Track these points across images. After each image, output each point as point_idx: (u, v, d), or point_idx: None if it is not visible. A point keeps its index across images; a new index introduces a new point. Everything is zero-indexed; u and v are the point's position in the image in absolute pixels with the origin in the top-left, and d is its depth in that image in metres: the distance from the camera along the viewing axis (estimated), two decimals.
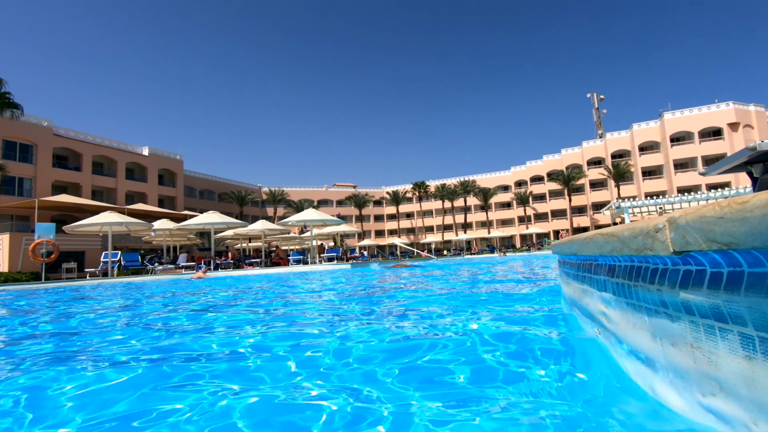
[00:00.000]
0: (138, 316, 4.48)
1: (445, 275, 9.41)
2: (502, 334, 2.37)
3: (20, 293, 10.47)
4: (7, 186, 29.42)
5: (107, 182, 37.34)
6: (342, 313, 3.87)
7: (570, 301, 2.29)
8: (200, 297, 6.68)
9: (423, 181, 60.55)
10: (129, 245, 29.81)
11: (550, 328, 2.57)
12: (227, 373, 1.90)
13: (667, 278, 0.91)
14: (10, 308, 6.37)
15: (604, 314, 1.47)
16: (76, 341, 3.08)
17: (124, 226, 20.26)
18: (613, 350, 1.43)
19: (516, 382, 1.53)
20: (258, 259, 22.87)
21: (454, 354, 1.90)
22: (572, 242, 1.78)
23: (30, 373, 2.05)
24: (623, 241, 1.08)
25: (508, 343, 2.05)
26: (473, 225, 62.50)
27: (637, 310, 1.12)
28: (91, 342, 3.01)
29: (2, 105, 21.36)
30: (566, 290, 2.36)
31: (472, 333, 2.43)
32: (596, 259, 1.52)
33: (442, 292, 5.23)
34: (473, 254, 43.26)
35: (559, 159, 56.79)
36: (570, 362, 1.70)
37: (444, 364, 1.77)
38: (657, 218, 0.89)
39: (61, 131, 34.36)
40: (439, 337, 2.28)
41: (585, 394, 1.40)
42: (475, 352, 1.96)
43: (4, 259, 22.88)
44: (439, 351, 1.97)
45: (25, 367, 2.19)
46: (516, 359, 1.80)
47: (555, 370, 1.67)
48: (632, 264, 1.12)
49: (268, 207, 58.49)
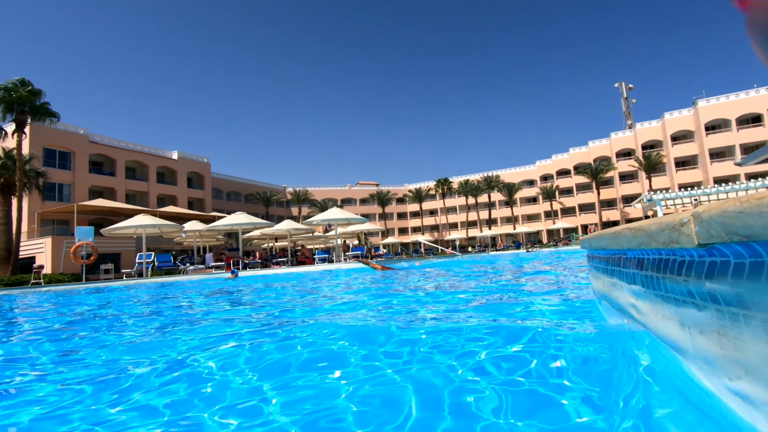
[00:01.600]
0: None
1: (464, 275, 9.36)
2: (522, 329, 2.41)
3: (94, 292, 11.05)
4: (48, 192, 31.00)
5: (140, 186, 38.81)
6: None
7: (599, 294, 2.31)
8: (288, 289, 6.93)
9: (446, 178, 60.21)
10: (161, 246, 30.94)
11: (578, 320, 2.60)
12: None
13: (693, 269, 0.96)
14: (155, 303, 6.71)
15: (634, 306, 1.50)
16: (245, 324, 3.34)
17: (156, 228, 21.08)
18: (642, 340, 1.47)
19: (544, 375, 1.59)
20: (284, 259, 23.33)
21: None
22: (601, 237, 1.81)
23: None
24: (650, 235, 1.13)
25: (532, 342, 2.09)
26: (498, 221, 61.72)
27: (666, 301, 1.16)
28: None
29: (42, 114, 22.52)
30: (595, 284, 2.38)
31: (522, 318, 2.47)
32: (625, 253, 1.55)
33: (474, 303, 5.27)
34: (498, 250, 42.76)
35: (586, 152, 55.37)
36: (601, 352, 1.74)
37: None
38: (682, 213, 0.94)
39: (96, 138, 35.92)
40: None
41: (622, 382, 1.44)
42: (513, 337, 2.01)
43: (48, 261, 24.19)
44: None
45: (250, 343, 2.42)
46: (545, 358, 1.85)
47: (585, 362, 1.71)
48: (660, 257, 1.16)
49: (293, 207, 59.43)
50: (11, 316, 6.12)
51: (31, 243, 25.67)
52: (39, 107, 22.23)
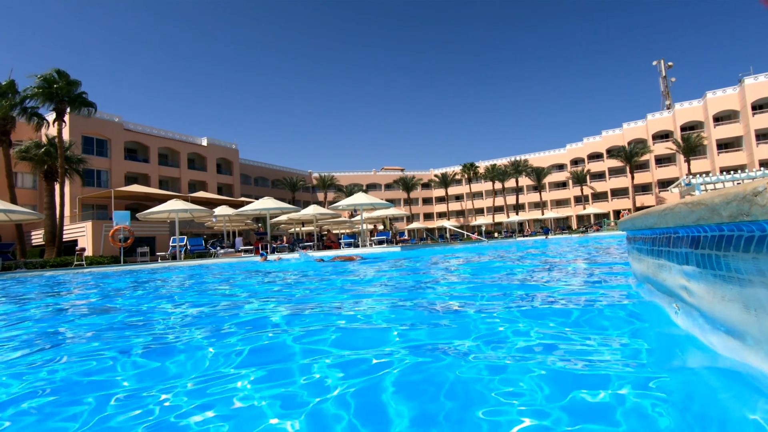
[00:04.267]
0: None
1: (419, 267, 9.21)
2: (563, 311, 2.33)
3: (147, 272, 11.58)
4: (88, 178, 32.38)
5: (172, 172, 39.99)
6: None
7: (642, 277, 2.19)
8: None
9: (472, 163, 59.17)
10: (193, 231, 31.91)
11: (619, 305, 2.49)
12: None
13: (765, 245, 0.87)
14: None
15: (685, 288, 1.40)
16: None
17: (188, 212, 21.71)
18: (694, 324, 1.37)
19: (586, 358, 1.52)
20: (311, 243, 23.64)
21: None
22: (647, 215, 1.70)
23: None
24: (713, 208, 1.03)
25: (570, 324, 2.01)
26: (526, 206, 60.44)
27: (727, 282, 1.06)
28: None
29: (79, 104, 23.35)
30: (637, 267, 2.25)
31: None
32: (676, 231, 1.44)
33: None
34: (526, 236, 41.97)
35: (620, 134, 53.15)
36: (647, 338, 1.65)
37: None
38: (754, 182, 0.85)
39: (130, 126, 37.10)
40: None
41: (672, 368, 1.36)
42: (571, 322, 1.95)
43: (89, 243, 25.39)
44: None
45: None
46: (586, 338, 1.77)
47: (632, 348, 1.63)
48: (721, 233, 1.07)
49: (319, 192, 59.97)
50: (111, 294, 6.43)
51: (74, 227, 26.96)
52: (76, 97, 23.04)
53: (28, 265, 16.40)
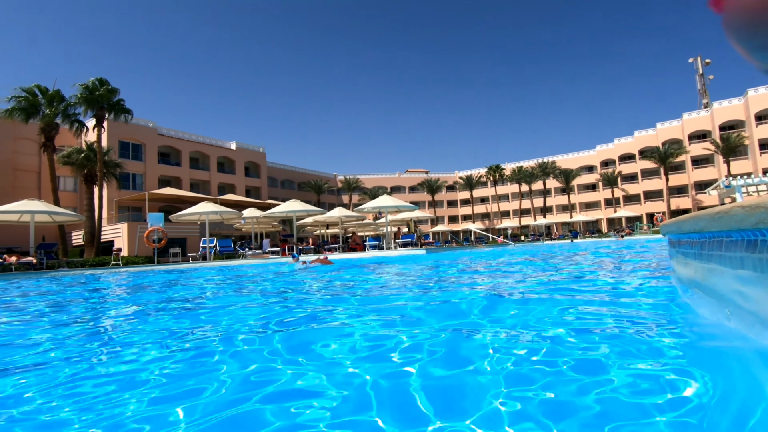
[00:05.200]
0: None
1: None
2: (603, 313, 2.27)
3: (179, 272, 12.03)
4: (124, 181, 33.78)
5: (202, 175, 41.21)
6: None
7: (688, 282, 2.12)
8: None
9: (498, 165, 58.40)
10: (222, 232, 32.73)
11: (665, 311, 2.41)
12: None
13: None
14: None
15: (740, 293, 1.35)
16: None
17: (218, 214, 22.31)
18: (748, 329, 1.32)
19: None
20: (336, 245, 23.85)
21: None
22: (697, 218, 1.65)
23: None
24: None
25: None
26: (553, 209, 59.17)
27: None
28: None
29: (117, 111, 24.42)
30: (683, 271, 2.18)
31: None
32: (729, 235, 1.40)
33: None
34: (554, 240, 41.04)
35: (653, 134, 51.35)
36: (698, 341, 1.60)
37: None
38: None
39: (163, 131, 38.48)
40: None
41: (726, 376, 1.31)
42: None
43: (124, 244, 26.43)
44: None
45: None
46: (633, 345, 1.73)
47: (681, 355, 1.59)
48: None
49: (344, 194, 60.48)
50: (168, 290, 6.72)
51: (111, 228, 28.14)
52: (115, 104, 24.10)
53: (70, 264, 17.21)
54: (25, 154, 32.20)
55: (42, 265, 14.92)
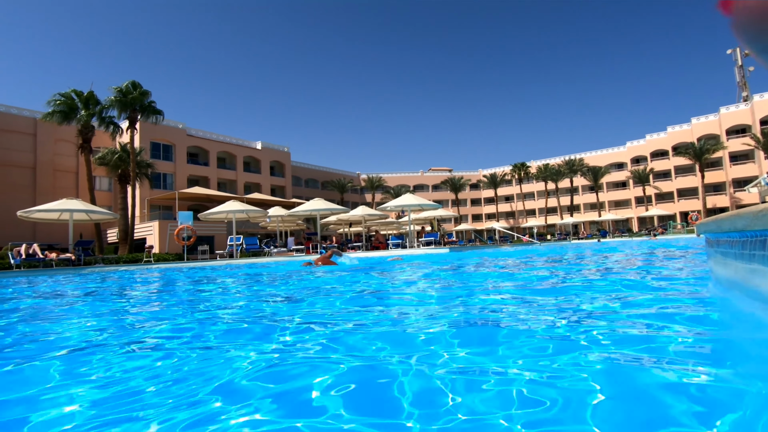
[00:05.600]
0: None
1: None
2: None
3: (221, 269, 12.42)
4: (155, 181, 34.95)
5: (229, 175, 42.20)
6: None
7: (727, 283, 2.03)
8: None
9: (523, 162, 57.35)
10: (248, 230, 33.48)
11: (705, 310, 2.32)
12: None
13: None
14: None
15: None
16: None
17: (245, 213, 22.82)
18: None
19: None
20: (359, 243, 23.99)
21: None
22: (738, 217, 1.57)
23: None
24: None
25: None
26: (581, 207, 57.70)
27: None
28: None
29: (149, 112, 25.28)
30: (723, 272, 2.09)
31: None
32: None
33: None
34: (581, 239, 40.02)
35: (688, 130, 49.31)
36: (741, 341, 1.54)
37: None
38: None
39: (192, 132, 39.60)
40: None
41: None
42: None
43: (156, 241, 27.35)
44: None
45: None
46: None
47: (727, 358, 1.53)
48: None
49: (367, 193, 60.74)
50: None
51: (143, 226, 29.17)
52: (147, 106, 24.96)
53: (105, 261, 17.95)
54: (64, 155, 33.78)
55: (80, 261, 15.61)
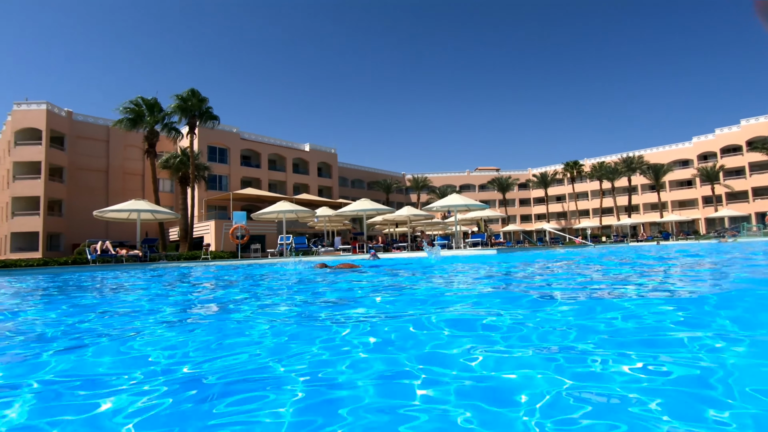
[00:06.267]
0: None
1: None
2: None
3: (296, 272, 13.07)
4: (212, 183, 37.01)
5: (279, 176, 43.80)
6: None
7: None
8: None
9: (576, 161, 54.88)
10: (297, 230, 34.50)
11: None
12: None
13: None
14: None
15: None
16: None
17: (294, 213, 23.57)
18: None
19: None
20: (404, 244, 24.03)
21: None
22: None
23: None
24: None
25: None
26: (640, 208, 54.30)
27: None
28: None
29: (206, 118, 26.80)
30: None
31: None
32: None
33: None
34: (640, 241, 37.62)
35: (765, 123, 44.99)
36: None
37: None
38: None
39: (245, 135, 41.50)
40: None
41: None
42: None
43: (212, 240, 28.93)
44: None
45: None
46: None
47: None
48: None
49: (412, 193, 60.71)
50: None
51: (201, 225, 30.97)
52: (205, 112, 26.48)
53: (168, 257, 19.24)
54: (131, 159, 36.59)
55: (146, 258, 16.85)
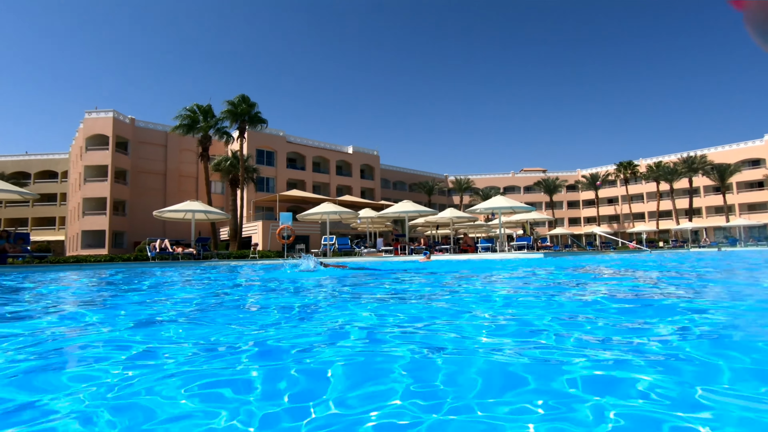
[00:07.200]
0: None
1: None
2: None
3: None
4: (260, 184, 38.47)
5: (323, 178, 44.77)
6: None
7: None
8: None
9: (630, 161, 52.01)
10: (339, 231, 35.10)
11: None
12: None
13: None
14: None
15: None
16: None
17: (338, 214, 24.01)
18: None
19: None
20: (447, 246, 23.78)
21: None
22: None
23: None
24: None
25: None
26: (702, 211, 50.55)
27: None
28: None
29: (255, 121, 27.92)
30: None
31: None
32: None
33: None
34: (702, 247, 34.99)
35: None
36: None
37: None
38: None
39: (291, 138, 42.79)
40: None
41: None
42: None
43: (260, 240, 30.04)
44: None
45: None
46: None
47: None
48: None
49: (454, 195, 60.00)
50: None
51: (249, 225, 32.25)
52: (254, 116, 27.60)
53: (219, 256, 20.19)
54: (186, 163, 38.74)
55: (200, 256, 17.77)
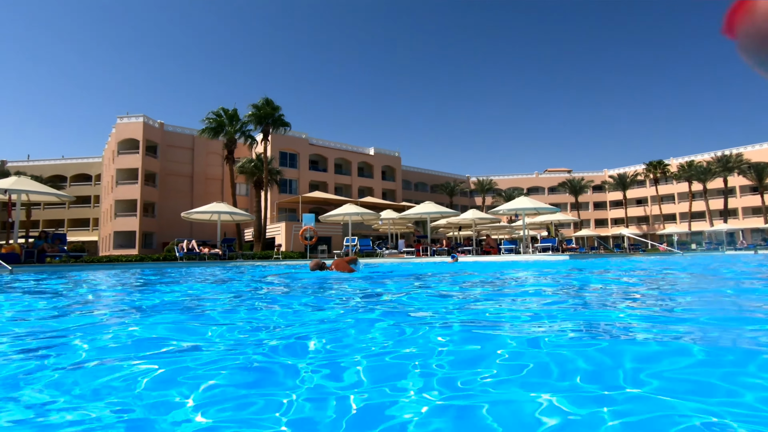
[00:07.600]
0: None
1: None
2: None
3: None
4: (283, 186, 39.06)
5: (344, 180, 45.09)
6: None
7: None
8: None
9: (660, 160, 50.31)
10: (361, 232, 35.27)
11: None
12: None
13: None
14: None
15: None
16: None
17: (359, 216, 24.14)
18: None
19: None
20: (469, 247, 23.56)
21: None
22: None
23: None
24: None
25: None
26: (738, 212, 48.39)
27: None
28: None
29: (279, 124, 28.39)
30: None
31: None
32: None
33: None
34: (738, 249, 33.50)
35: None
36: None
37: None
38: None
39: (313, 141, 43.29)
40: None
41: None
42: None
43: (283, 240, 30.50)
44: None
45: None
46: None
47: None
48: None
49: (476, 196, 59.39)
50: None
51: (273, 226, 32.79)
52: (277, 119, 28.08)
53: (244, 256, 20.60)
54: (213, 165, 39.71)
55: (225, 256, 18.17)
